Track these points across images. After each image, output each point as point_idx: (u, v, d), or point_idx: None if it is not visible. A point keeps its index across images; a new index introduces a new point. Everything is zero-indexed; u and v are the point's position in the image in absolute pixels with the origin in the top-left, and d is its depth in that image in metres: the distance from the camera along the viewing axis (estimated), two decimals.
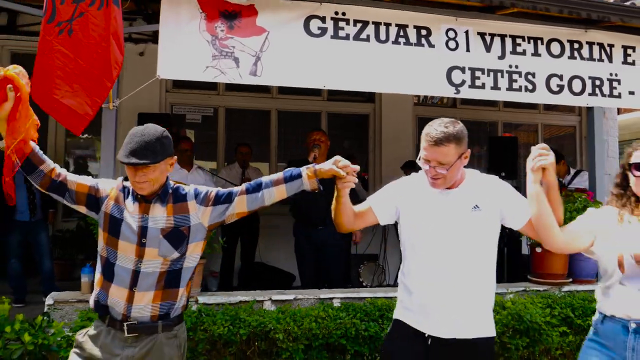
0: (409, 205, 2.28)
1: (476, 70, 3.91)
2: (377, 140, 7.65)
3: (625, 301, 1.99)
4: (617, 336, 1.99)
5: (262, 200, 2.15)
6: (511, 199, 2.25)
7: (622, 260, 1.97)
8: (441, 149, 2.12)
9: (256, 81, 3.51)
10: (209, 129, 7.33)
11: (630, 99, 4.29)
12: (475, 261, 2.18)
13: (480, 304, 2.19)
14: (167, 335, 2.04)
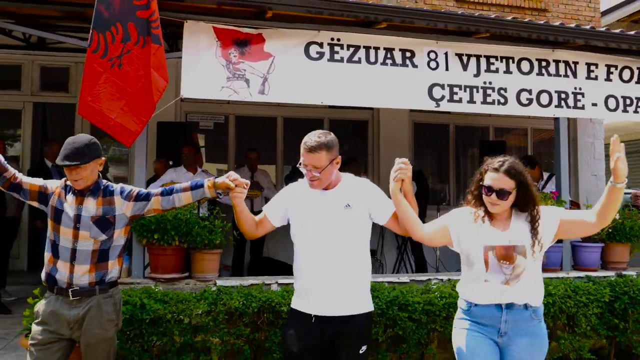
0: (294, 206, 2.67)
1: (454, 87, 4.51)
2: (375, 144, 8.24)
3: (493, 293, 2.40)
4: (492, 314, 2.41)
5: (174, 202, 2.71)
6: (377, 200, 2.66)
7: (488, 258, 2.39)
8: (315, 155, 2.52)
9: (264, 99, 4.13)
10: (221, 134, 7.97)
11: (593, 110, 4.86)
12: (349, 250, 2.57)
13: (355, 286, 2.58)
14: (104, 296, 2.63)
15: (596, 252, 4.67)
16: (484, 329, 2.44)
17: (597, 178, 9.04)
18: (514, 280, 2.38)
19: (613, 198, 2.31)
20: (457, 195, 8.84)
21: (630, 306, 3.97)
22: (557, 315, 3.88)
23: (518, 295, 2.39)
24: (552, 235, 2.44)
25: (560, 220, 2.42)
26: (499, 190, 2.38)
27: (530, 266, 2.40)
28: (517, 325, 2.40)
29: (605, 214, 2.33)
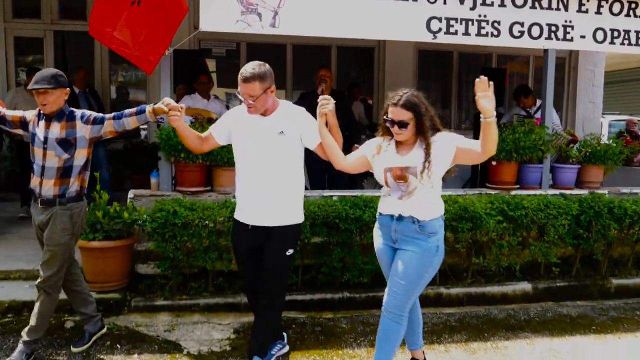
0: (236, 128, 3.04)
1: (451, 20, 4.86)
2: (381, 69, 8.59)
3: (390, 205, 2.84)
4: (387, 223, 2.87)
5: (124, 125, 3.19)
6: (308, 127, 3.00)
7: (387, 178, 2.80)
8: (249, 85, 2.83)
9: (275, 31, 4.53)
10: (232, 60, 8.34)
11: (581, 42, 5.20)
12: (280, 171, 2.97)
13: (285, 202, 3.01)
14: (62, 208, 3.15)
15: (572, 172, 5.20)
16: (384, 235, 2.93)
17: (594, 105, 9.38)
18: (407, 196, 2.76)
19: (487, 131, 2.57)
20: (459, 119, 9.28)
21: (594, 219, 4.54)
22: (529, 225, 4.48)
23: (407, 209, 2.77)
24: (448, 160, 2.75)
25: (456, 148, 2.72)
26: (398, 121, 2.70)
27: (423, 186, 2.74)
28: (404, 234, 2.81)
29: (485, 145, 2.61)
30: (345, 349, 3.54)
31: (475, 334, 3.85)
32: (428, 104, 2.76)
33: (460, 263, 4.67)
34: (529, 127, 4.97)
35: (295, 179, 3.10)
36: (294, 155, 3.06)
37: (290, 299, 4.11)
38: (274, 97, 3.02)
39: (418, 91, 2.78)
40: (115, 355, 3.36)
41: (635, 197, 4.84)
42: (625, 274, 4.86)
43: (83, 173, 3.25)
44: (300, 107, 3.14)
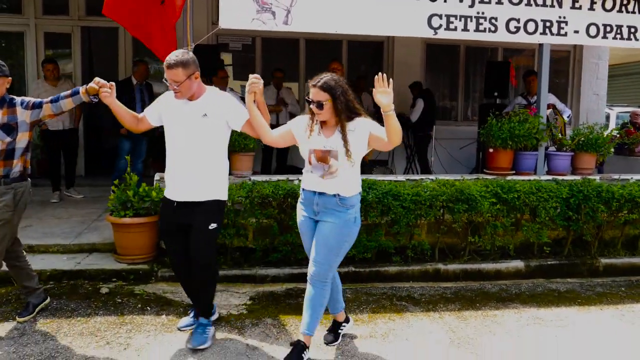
0: (165, 111, 3.28)
1: (451, 17, 5.21)
2: (390, 63, 8.95)
3: (313, 182, 3.08)
4: (310, 197, 3.11)
5: (60, 107, 3.43)
6: (232, 110, 3.25)
7: (311, 158, 3.02)
8: (173, 71, 3.06)
9: (287, 29, 4.92)
10: (248, 54, 8.76)
11: (575, 37, 5.51)
12: (204, 152, 3.20)
13: (208, 180, 3.24)
14: (6, 187, 3.39)
15: (566, 159, 5.54)
16: (307, 208, 3.18)
17: (598, 97, 9.64)
18: (328, 175, 3.01)
19: (388, 123, 2.82)
20: (465, 111, 9.62)
21: (583, 202, 4.89)
22: (522, 207, 4.85)
23: (329, 187, 3.03)
24: (364, 144, 3.01)
25: (370, 134, 2.98)
26: (316, 102, 2.95)
27: (344, 167, 2.99)
28: (325, 207, 3.07)
29: (389, 135, 2.87)
30: (350, 315, 3.95)
31: (468, 304, 4.24)
32: (347, 89, 3.01)
33: (457, 242, 5.06)
34: (524, 117, 5.32)
35: (219, 159, 3.34)
36: (218, 137, 3.30)
37: (301, 272, 4.52)
38: (199, 82, 3.25)
39: (340, 77, 3.03)
40: (146, 316, 3.81)
41: (625, 183, 5.18)
42: (614, 254, 5.20)
43: (25, 155, 3.50)
44: (226, 93, 3.45)
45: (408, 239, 4.78)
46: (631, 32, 5.60)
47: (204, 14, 7.72)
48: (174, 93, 3.19)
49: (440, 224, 4.83)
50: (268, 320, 3.80)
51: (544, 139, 5.45)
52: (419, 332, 3.68)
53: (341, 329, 3.54)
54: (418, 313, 4.02)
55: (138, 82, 6.57)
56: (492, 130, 5.29)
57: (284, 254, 4.60)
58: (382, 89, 2.79)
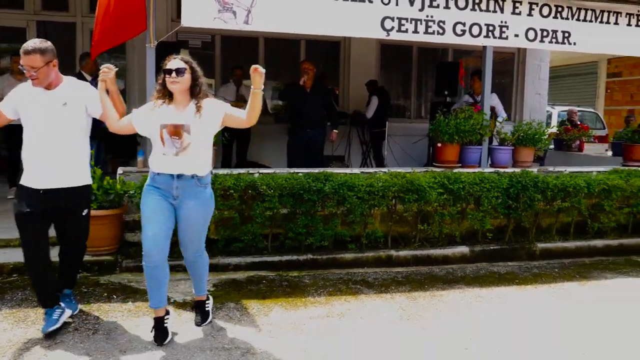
0: (22, 103, 3.27)
1: (402, 19, 5.55)
2: (346, 62, 9.27)
3: (169, 163, 3.15)
4: (167, 181, 3.17)
5: None
6: (91, 97, 3.34)
7: (162, 134, 3.08)
8: (30, 57, 3.12)
9: (248, 28, 5.13)
10: (207, 51, 8.89)
11: (515, 40, 5.95)
12: (66, 139, 3.28)
13: (76, 166, 3.36)
14: None
15: (507, 153, 6.00)
16: (164, 192, 3.21)
17: (540, 96, 10.27)
18: (182, 152, 3.10)
19: (254, 100, 3.10)
20: (417, 109, 10.05)
21: (521, 191, 5.33)
22: (467, 197, 5.24)
23: (186, 167, 3.15)
24: (218, 122, 3.22)
25: (225, 113, 3.22)
26: (176, 69, 3.08)
27: (196, 142, 3.12)
28: (185, 190, 3.18)
29: (249, 114, 3.15)
30: (308, 297, 4.23)
31: (418, 286, 4.59)
32: (201, 73, 3.24)
33: (409, 231, 5.42)
34: (469, 114, 5.73)
35: (83, 145, 3.45)
36: (80, 124, 3.39)
37: (262, 260, 4.79)
38: (56, 71, 3.32)
39: None
40: (113, 303, 3.97)
41: (559, 174, 5.66)
42: (549, 239, 5.68)
43: None
44: (84, 82, 3.61)
45: (363, 228, 5.09)
46: (565, 36, 6.10)
47: (164, 12, 7.82)
48: (32, 80, 3.22)
49: (392, 214, 5.17)
50: (231, 305, 4.02)
51: (487, 134, 5.88)
52: (372, 311, 3.99)
53: (207, 305, 3.72)
54: (372, 295, 4.33)
55: (93, 78, 6.48)
56: (440, 126, 5.67)
57: (246, 243, 4.83)
58: (260, 70, 3.07)
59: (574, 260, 5.52)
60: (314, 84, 6.63)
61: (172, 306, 3.94)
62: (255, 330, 3.59)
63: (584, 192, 5.44)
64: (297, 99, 6.58)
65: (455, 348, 3.43)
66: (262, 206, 4.67)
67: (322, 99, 6.67)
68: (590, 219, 5.68)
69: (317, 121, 6.61)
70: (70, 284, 3.74)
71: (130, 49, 8.20)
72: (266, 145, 8.64)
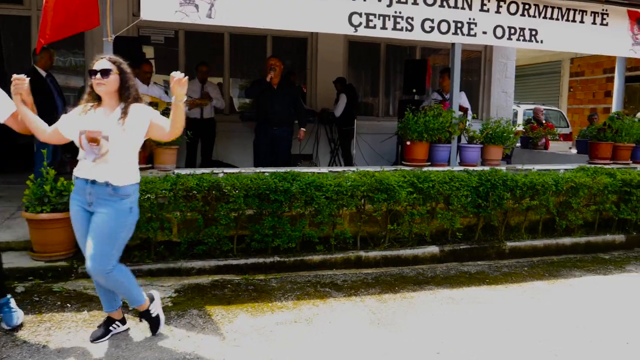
0: None
1: (370, 15, 5.44)
2: (313, 59, 9.13)
3: (85, 169, 3.00)
4: (82, 185, 3.02)
5: None
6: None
7: (82, 141, 2.93)
8: None
9: (211, 22, 4.94)
10: (171, 47, 8.62)
11: (483, 37, 5.93)
12: None
13: None
14: None
15: (476, 151, 5.96)
16: (80, 198, 3.07)
17: (506, 95, 10.36)
18: (100, 159, 2.93)
19: (175, 112, 2.90)
20: (386, 107, 10.00)
21: (490, 190, 5.29)
22: (437, 196, 5.17)
23: (101, 174, 2.96)
24: (143, 130, 2.99)
25: (150, 121, 2.99)
26: (102, 70, 2.91)
27: (115, 151, 2.93)
28: (99, 197, 2.99)
29: (172, 126, 2.94)
30: (275, 302, 4.06)
31: (388, 288, 4.48)
32: (132, 75, 3.04)
33: (378, 231, 5.31)
34: (438, 111, 5.66)
35: None
36: None
37: (227, 263, 4.60)
38: None
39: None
40: (66, 313, 3.72)
41: (527, 172, 5.65)
42: (518, 238, 5.66)
43: None
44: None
45: (331, 229, 4.96)
46: (532, 34, 6.10)
47: (125, 5, 7.52)
48: None
49: (361, 214, 5.05)
50: (194, 311, 3.83)
51: (456, 132, 5.82)
52: (342, 315, 3.86)
53: (114, 327, 3.38)
54: (341, 298, 4.20)
55: (45, 71, 6.18)
56: (409, 124, 5.58)
57: (210, 246, 4.63)
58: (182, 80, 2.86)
59: (542, 259, 5.52)
60: (281, 81, 6.46)
61: (131, 314, 3.72)
62: (219, 338, 3.41)
63: (552, 190, 5.44)
64: (264, 96, 6.40)
65: (427, 353, 3.32)
66: (226, 207, 4.49)
67: (290, 97, 6.51)
68: (558, 217, 5.68)
69: (284, 119, 6.45)
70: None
71: (89, 44, 7.88)
72: (232, 143, 8.43)
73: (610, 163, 6.64)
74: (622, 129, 6.59)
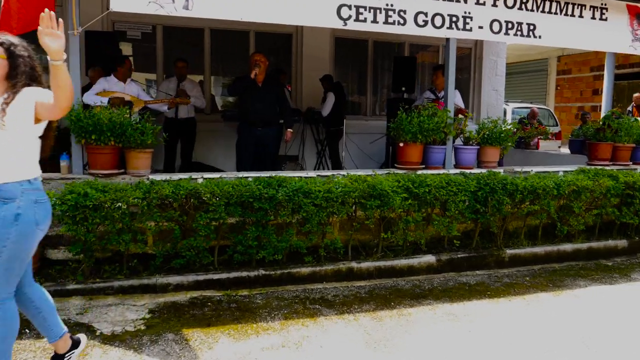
0: None
1: (360, 7, 5.07)
2: (299, 56, 8.73)
3: None
4: None
5: None
6: None
7: None
8: None
9: (188, 14, 4.53)
10: (148, 44, 8.15)
11: (479, 32, 5.61)
12: None
13: None
14: None
15: (472, 153, 5.63)
16: None
17: (497, 93, 10.07)
18: None
19: (55, 76, 2.32)
20: (374, 106, 9.64)
21: (490, 194, 4.96)
22: (433, 202, 4.83)
23: None
24: (30, 114, 2.46)
25: (35, 102, 2.44)
26: None
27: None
28: None
29: (56, 96, 2.37)
30: (260, 323, 3.68)
31: (383, 303, 4.12)
32: (32, 55, 2.53)
33: (370, 239, 4.95)
34: (432, 111, 5.32)
35: None
36: None
37: (207, 278, 4.20)
38: None
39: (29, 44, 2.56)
40: (23, 340, 3.30)
41: (527, 175, 5.34)
42: (518, 244, 5.35)
43: None
44: None
45: (320, 238, 4.58)
46: (530, 29, 5.79)
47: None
48: None
49: (352, 221, 4.68)
50: (169, 336, 3.43)
51: (451, 133, 5.49)
52: (334, 337, 3.49)
53: (68, 356, 2.92)
54: (332, 316, 3.83)
55: None
56: (402, 124, 5.23)
57: (188, 259, 4.23)
58: (49, 30, 2.28)
59: (543, 267, 5.21)
60: (266, 78, 6.05)
61: (98, 340, 3.31)
62: None
63: (553, 194, 5.13)
64: (248, 93, 5.98)
65: None
66: (206, 217, 4.09)
67: (275, 94, 6.11)
68: (559, 222, 5.38)
69: (269, 118, 6.04)
70: None
71: None
72: (214, 144, 8.00)
73: (610, 164, 6.37)
74: (622, 129, 6.32)
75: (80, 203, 3.80)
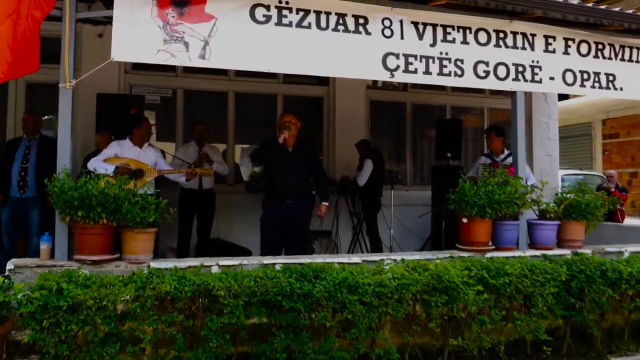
0: None
1: (410, 56, 4.25)
2: (331, 121, 7.95)
3: None
4: None
5: None
6: None
7: None
8: None
9: (204, 64, 3.75)
10: (168, 109, 7.50)
11: (551, 84, 4.71)
12: None
13: None
14: None
15: (552, 230, 4.55)
16: None
17: (551, 158, 9.07)
18: None
19: None
20: (414, 174, 8.70)
21: (586, 285, 3.85)
22: (514, 295, 3.72)
23: None
24: None
25: None
26: None
27: None
28: None
29: None
30: None
31: None
32: None
33: (431, 342, 3.83)
34: (503, 178, 4.31)
35: None
36: None
37: None
38: None
39: None
40: None
41: (627, 257, 4.21)
42: (623, 349, 4.14)
43: None
44: None
45: (369, 345, 3.48)
46: (609, 80, 4.89)
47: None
48: None
49: (411, 322, 3.59)
50: None
51: (525, 205, 4.45)
52: None
53: None
54: None
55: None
56: (465, 196, 4.21)
57: None
58: None
59: None
60: (297, 143, 5.15)
61: None
62: None
63: None
64: (275, 160, 5.06)
65: None
66: (219, 321, 3.06)
67: (308, 162, 5.17)
68: None
69: (300, 189, 5.05)
70: None
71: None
72: (236, 219, 7.08)
73: None
74: None
75: (51, 303, 2.84)
